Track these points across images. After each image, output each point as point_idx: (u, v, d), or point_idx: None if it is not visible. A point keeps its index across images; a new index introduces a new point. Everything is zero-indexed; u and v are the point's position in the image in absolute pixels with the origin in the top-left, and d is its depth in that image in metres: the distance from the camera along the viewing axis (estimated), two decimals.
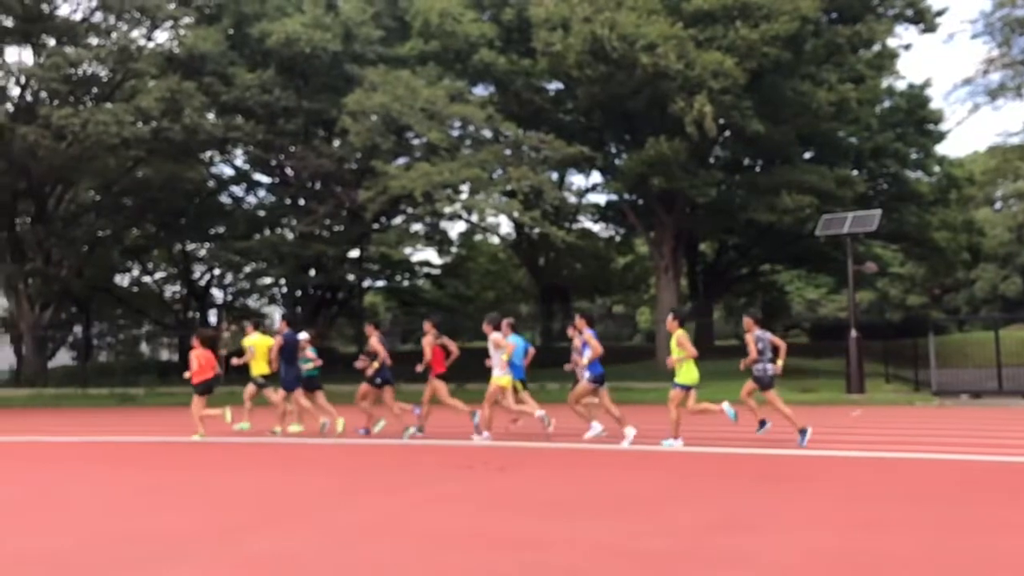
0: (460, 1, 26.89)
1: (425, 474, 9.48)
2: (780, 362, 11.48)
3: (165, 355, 43.39)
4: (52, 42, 28.41)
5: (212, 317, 40.62)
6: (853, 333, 20.78)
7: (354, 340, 42.88)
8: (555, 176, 33.20)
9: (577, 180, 38.83)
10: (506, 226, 38.47)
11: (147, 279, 41.23)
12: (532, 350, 13.00)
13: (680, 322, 11.33)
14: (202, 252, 38.17)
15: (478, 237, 43.81)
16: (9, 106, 28.43)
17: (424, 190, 24.39)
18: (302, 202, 31.84)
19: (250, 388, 13.92)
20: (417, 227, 33.03)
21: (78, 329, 36.96)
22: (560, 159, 26.86)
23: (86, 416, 19.57)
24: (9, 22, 27.62)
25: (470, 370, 15.17)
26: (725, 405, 11.32)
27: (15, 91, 28.92)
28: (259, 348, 13.65)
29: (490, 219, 34.14)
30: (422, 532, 6.32)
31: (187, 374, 13.25)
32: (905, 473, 8.97)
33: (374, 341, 12.84)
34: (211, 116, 28.66)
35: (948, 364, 21.89)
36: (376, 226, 31.53)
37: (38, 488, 9.00)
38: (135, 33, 29.06)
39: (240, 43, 29.13)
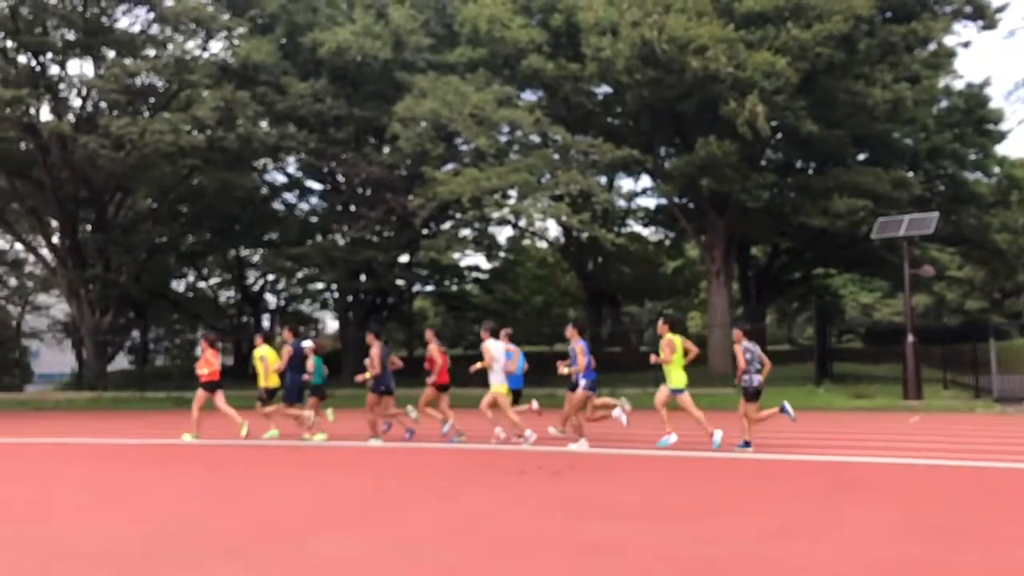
0: (509, 7, 26.97)
1: (478, 478, 9.52)
2: (762, 378, 11.46)
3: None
4: (112, 54, 29.25)
5: (265, 321, 41.31)
6: (910, 338, 20.35)
7: (404, 345, 43.23)
8: (604, 180, 33.09)
9: (626, 184, 38.65)
10: (554, 230, 38.44)
11: (202, 284, 42.15)
12: (526, 365, 13.03)
13: (671, 327, 11.37)
14: (255, 258, 38.95)
15: (526, 242, 43.83)
16: (71, 116, 29.36)
17: (472, 195, 24.54)
18: (353, 208, 32.24)
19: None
20: (466, 232, 33.22)
21: (136, 334, 37.83)
22: (609, 163, 26.79)
23: (145, 419, 20.04)
24: (72, 36, 28.52)
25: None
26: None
27: (77, 102, 29.90)
28: (270, 359, 13.85)
29: (538, 223, 34.19)
30: (480, 536, 6.34)
31: (203, 372, 13.51)
32: (969, 481, 8.76)
33: (375, 352, 12.71)
34: (264, 125, 29.22)
35: (1010, 370, 21.33)
36: (425, 231, 31.77)
37: (103, 489, 9.22)
38: (191, 44, 29.84)
39: (293, 53, 29.63)
